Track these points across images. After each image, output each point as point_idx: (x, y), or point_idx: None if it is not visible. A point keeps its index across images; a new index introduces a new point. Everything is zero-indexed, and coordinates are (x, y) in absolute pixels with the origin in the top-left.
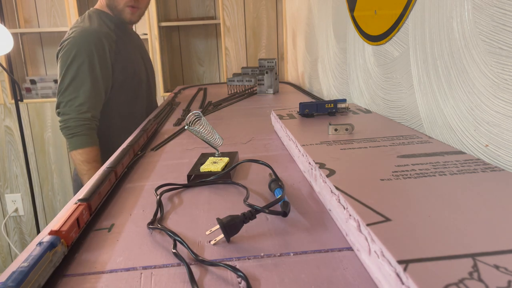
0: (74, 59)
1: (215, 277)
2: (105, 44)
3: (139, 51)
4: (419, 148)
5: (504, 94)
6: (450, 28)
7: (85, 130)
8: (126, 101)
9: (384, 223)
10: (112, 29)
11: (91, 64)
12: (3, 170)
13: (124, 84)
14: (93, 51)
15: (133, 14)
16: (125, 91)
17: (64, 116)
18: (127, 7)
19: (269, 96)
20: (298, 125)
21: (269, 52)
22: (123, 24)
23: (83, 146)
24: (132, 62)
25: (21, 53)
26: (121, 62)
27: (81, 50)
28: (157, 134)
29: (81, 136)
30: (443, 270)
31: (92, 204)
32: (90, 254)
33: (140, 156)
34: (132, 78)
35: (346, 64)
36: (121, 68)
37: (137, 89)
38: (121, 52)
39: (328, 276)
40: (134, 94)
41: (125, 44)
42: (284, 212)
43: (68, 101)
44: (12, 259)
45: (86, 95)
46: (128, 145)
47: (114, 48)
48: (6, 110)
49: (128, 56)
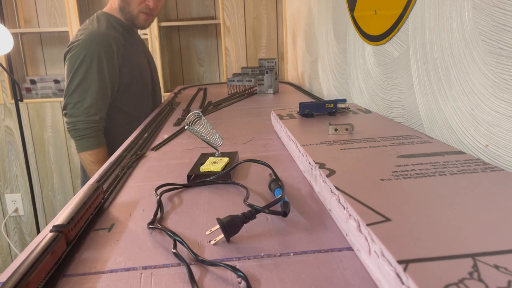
0: (83, 62)
1: (215, 277)
2: (113, 47)
3: (145, 54)
4: (419, 148)
5: (504, 94)
6: (450, 28)
7: (94, 132)
8: (131, 103)
9: (384, 223)
10: (120, 33)
11: (100, 67)
12: (3, 170)
13: (130, 87)
14: (102, 53)
15: (146, 20)
16: (131, 93)
17: (72, 118)
18: (142, 13)
19: (269, 96)
20: (298, 125)
21: (269, 52)
22: (131, 28)
23: (92, 148)
24: (139, 65)
25: (21, 53)
26: (128, 65)
27: (90, 53)
28: (157, 134)
29: (90, 138)
30: (443, 270)
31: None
32: (90, 254)
33: (140, 156)
34: (138, 80)
35: (346, 64)
36: (128, 71)
37: (142, 91)
38: (128, 55)
39: (328, 276)
40: (139, 96)
41: (132, 47)
42: (284, 212)
43: (76, 103)
44: (12, 259)
45: (94, 97)
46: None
47: (122, 51)
48: (6, 110)
49: (135, 59)
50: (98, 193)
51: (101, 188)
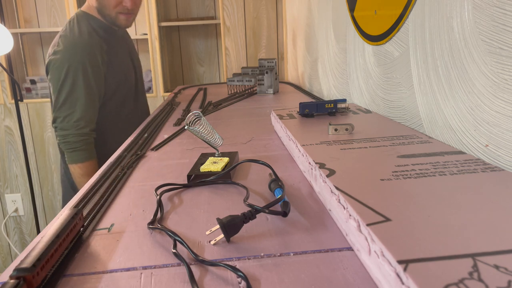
0: (68, 74)
1: (215, 277)
2: (97, 56)
3: (128, 52)
4: (419, 148)
5: (504, 94)
6: (450, 28)
7: (84, 145)
8: (115, 107)
9: (384, 223)
10: (102, 36)
11: (85, 78)
12: (3, 170)
13: (116, 92)
14: (87, 64)
15: (127, 20)
16: (116, 98)
17: (62, 131)
18: (120, 14)
19: (269, 96)
20: (298, 125)
21: (269, 52)
22: (111, 28)
23: (82, 161)
24: (123, 67)
25: (21, 53)
26: (113, 71)
27: (75, 65)
28: (157, 134)
29: (80, 151)
30: (443, 270)
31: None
32: (90, 254)
33: (140, 156)
34: (124, 84)
35: (346, 64)
36: (113, 77)
37: (126, 94)
38: (112, 61)
39: (328, 276)
40: (123, 99)
41: (115, 49)
42: (284, 212)
43: (66, 116)
44: (12, 259)
45: (83, 109)
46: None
47: (106, 59)
48: (6, 110)
49: (119, 63)
50: (75, 222)
51: (80, 214)
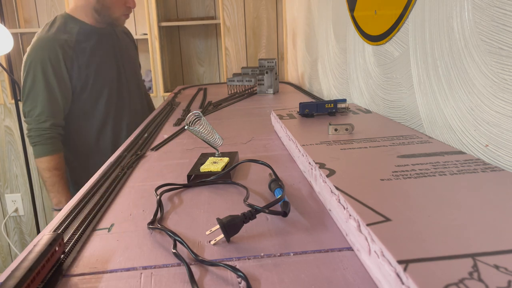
0: (29, 70)
1: (215, 277)
2: (58, 52)
3: (112, 50)
4: (419, 148)
5: (504, 94)
6: (450, 28)
7: (44, 139)
8: (87, 102)
9: (384, 223)
10: (74, 34)
11: (45, 74)
12: (3, 170)
13: (85, 87)
14: (46, 59)
15: (126, 20)
16: (87, 93)
17: (27, 126)
18: (124, 15)
19: (269, 96)
20: (298, 125)
21: (269, 52)
22: (94, 27)
23: (43, 155)
24: (96, 63)
25: (21, 53)
26: (80, 67)
27: (35, 60)
28: (157, 134)
29: (41, 145)
30: (443, 270)
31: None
32: (90, 254)
33: (140, 156)
34: (95, 79)
35: (346, 64)
36: (79, 72)
37: (100, 90)
38: (79, 56)
39: (328, 276)
40: (96, 95)
41: (90, 46)
42: (284, 212)
43: (29, 111)
44: (12, 259)
45: (43, 104)
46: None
47: (71, 54)
48: (6, 110)
49: (90, 58)
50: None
51: (60, 240)
